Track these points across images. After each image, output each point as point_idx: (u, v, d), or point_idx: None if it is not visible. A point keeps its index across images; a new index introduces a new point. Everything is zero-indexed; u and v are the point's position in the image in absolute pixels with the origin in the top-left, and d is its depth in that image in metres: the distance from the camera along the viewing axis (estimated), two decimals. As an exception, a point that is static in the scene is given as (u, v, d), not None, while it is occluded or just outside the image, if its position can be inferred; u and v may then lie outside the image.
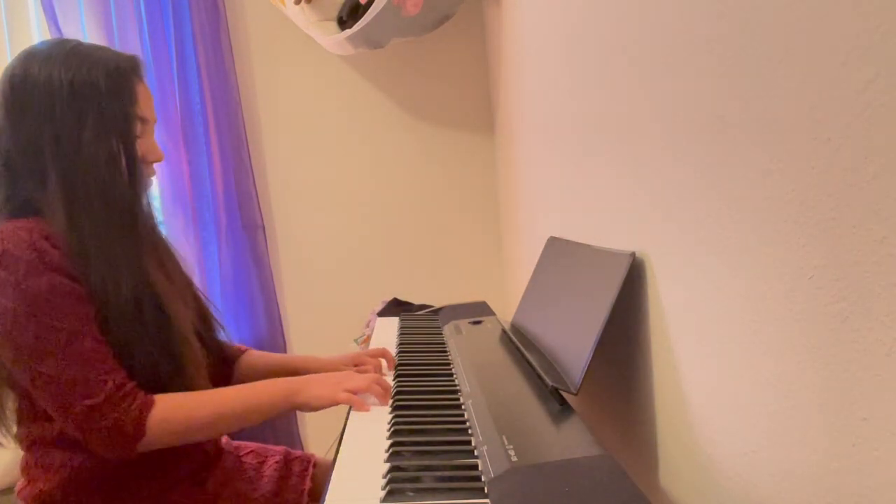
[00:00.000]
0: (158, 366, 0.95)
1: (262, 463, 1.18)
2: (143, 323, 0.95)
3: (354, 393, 0.97)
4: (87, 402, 0.88)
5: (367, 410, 0.94)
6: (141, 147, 1.01)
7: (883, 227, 0.44)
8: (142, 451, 0.92)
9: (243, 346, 1.27)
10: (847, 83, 0.47)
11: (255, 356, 1.26)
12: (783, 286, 0.56)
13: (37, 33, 2.05)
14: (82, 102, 0.94)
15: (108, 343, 0.92)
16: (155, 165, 1.07)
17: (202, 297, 1.18)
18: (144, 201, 1.04)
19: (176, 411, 0.93)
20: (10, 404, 0.99)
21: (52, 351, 0.88)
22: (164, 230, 1.18)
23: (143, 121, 1.01)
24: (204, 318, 1.15)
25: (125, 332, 0.93)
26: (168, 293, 1.01)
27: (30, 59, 0.96)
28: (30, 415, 0.96)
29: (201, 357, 1.06)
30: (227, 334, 1.21)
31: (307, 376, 1.03)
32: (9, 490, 1.74)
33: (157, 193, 1.95)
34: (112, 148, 0.96)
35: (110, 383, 0.89)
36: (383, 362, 1.17)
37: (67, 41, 1.00)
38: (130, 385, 0.91)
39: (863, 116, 0.45)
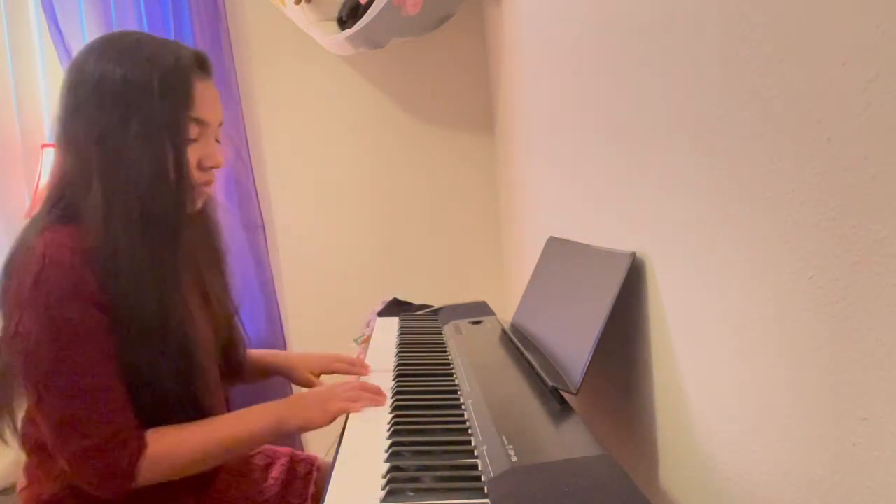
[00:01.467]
0: (172, 394, 0.93)
1: (269, 465, 1.17)
2: (164, 351, 0.91)
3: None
4: (84, 442, 0.86)
5: (359, 411, 0.93)
6: (196, 152, 0.94)
7: (883, 227, 0.44)
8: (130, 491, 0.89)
9: None
10: (847, 83, 0.47)
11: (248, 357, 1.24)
12: (783, 286, 0.56)
13: (37, 33, 2.05)
14: (130, 102, 0.88)
15: (124, 369, 0.89)
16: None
17: (238, 324, 1.14)
18: (193, 211, 0.98)
19: (166, 452, 0.91)
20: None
21: (62, 382, 0.86)
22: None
23: (201, 123, 0.94)
24: (232, 346, 1.12)
25: (143, 357, 0.90)
26: (198, 320, 0.97)
27: (89, 53, 0.92)
28: (34, 418, 0.95)
29: (218, 387, 1.04)
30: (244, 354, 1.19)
31: (292, 399, 1.00)
32: (8, 490, 1.74)
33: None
34: (159, 153, 0.89)
35: (110, 428, 0.87)
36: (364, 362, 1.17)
37: (131, 35, 0.95)
38: (129, 430, 0.89)
39: (863, 116, 0.45)
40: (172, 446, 0.92)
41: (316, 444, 2.16)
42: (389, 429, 0.85)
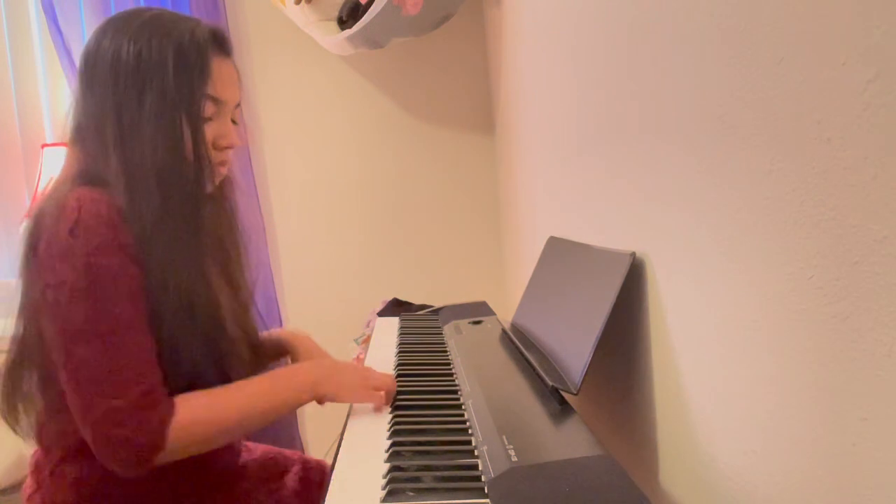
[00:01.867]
0: (203, 372, 0.90)
1: (283, 473, 1.15)
2: (193, 326, 0.88)
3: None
4: (114, 402, 0.80)
5: (381, 411, 0.92)
6: (212, 130, 0.93)
7: (883, 227, 0.44)
8: (158, 464, 0.83)
9: None
10: (847, 83, 0.47)
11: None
12: (783, 286, 0.56)
13: (37, 33, 2.05)
14: (145, 78, 0.87)
15: (154, 340, 0.85)
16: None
17: (254, 311, 1.11)
18: (211, 191, 0.96)
19: (198, 417, 0.85)
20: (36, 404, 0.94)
21: (96, 335, 0.81)
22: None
23: (217, 101, 0.92)
24: (252, 331, 1.09)
25: (174, 331, 0.87)
26: (224, 299, 0.95)
27: (105, 28, 0.90)
28: (53, 410, 0.91)
29: (247, 364, 1.01)
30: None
31: (327, 364, 0.97)
32: (8, 490, 1.74)
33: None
34: (174, 130, 0.88)
35: (140, 387, 0.82)
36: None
37: (148, 10, 0.93)
38: (159, 392, 0.83)
39: (863, 116, 0.45)
40: (203, 411, 0.86)
41: (315, 444, 2.16)
42: (389, 429, 0.85)
